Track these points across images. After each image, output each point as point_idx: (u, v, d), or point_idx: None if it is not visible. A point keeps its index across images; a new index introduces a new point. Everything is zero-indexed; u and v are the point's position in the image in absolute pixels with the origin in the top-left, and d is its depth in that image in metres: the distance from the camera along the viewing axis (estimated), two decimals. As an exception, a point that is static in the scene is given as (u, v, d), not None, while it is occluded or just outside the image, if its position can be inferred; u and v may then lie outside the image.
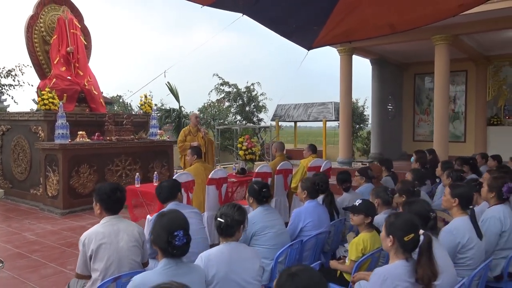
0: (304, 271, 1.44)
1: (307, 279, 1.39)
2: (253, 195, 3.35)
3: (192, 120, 7.17)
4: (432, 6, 6.39)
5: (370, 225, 3.04)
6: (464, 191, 2.93)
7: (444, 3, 6.32)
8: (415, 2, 6.11)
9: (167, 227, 1.93)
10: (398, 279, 2.02)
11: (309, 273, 1.43)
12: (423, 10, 6.48)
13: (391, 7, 6.25)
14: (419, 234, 2.06)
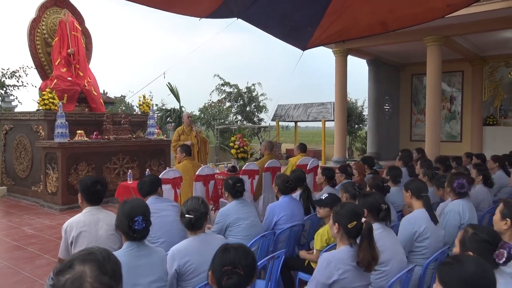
0: (237, 248, 1.66)
1: (236, 254, 1.62)
2: (228, 189, 3.57)
3: (184, 120, 7.41)
4: (422, 5, 6.58)
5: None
6: (416, 183, 3.13)
7: (433, 3, 6.52)
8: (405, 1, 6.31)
9: (128, 213, 2.15)
10: (341, 262, 2.23)
11: (241, 250, 1.65)
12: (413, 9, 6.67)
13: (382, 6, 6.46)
14: (362, 222, 2.26)
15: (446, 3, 6.44)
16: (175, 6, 5.74)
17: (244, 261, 1.61)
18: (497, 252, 1.75)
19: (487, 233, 1.85)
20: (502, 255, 1.73)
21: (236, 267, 1.58)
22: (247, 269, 1.61)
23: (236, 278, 1.57)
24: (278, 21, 6.93)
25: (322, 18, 6.69)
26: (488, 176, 4.75)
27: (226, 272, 1.58)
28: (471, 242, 1.85)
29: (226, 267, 1.59)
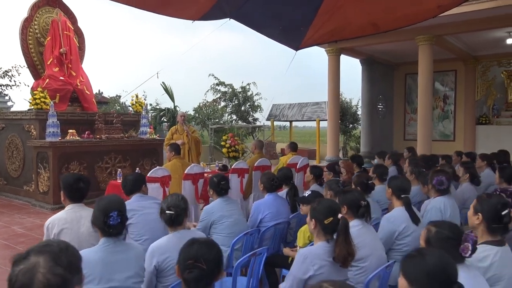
0: (202, 242, 1.68)
1: (199, 249, 1.64)
2: (213, 187, 3.59)
3: (178, 119, 7.42)
4: (413, 6, 6.63)
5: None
6: (398, 182, 3.15)
7: (424, 4, 6.56)
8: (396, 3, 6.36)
9: (103, 209, 2.17)
10: (317, 258, 2.25)
11: (206, 244, 1.67)
12: (404, 10, 6.72)
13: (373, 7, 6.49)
14: (338, 218, 2.28)
15: (436, 4, 6.50)
16: (168, 9, 5.76)
17: (208, 255, 1.63)
18: (462, 246, 1.77)
19: (449, 229, 1.87)
20: (467, 248, 1.75)
21: (198, 261, 1.60)
22: (211, 263, 1.63)
23: (197, 272, 1.59)
24: (270, 21, 6.96)
25: (314, 18, 6.72)
26: (475, 174, 4.79)
27: (188, 266, 1.61)
28: (435, 240, 1.87)
29: (189, 261, 1.62)
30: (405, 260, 1.53)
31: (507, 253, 2.23)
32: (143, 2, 5.47)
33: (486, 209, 2.23)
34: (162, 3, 5.52)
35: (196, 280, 1.60)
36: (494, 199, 2.26)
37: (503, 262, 2.16)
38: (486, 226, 2.23)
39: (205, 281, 1.62)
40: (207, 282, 1.63)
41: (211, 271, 1.63)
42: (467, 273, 1.82)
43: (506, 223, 2.20)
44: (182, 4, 5.73)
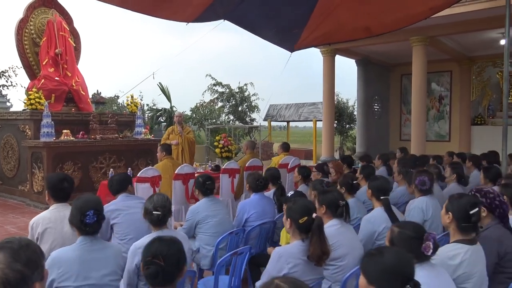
0: (163, 240, 1.74)
1: (159, 246, 1.70)
2: (198, 187, 3.64)
3: (174, 119, 7.50)
4: (405, 10, 6.70)
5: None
6: (377, 183, 3.20)
7: (415, 7, 6.63)
8: (388, 7, 6.42)
9: (80, 208, 2.21)
10: (292, 256, 2.29)
11: (166, 241, 1.72)
12: (396, 14, 6.79)
13: (365, 11, 6.55)
14: (313, 218, 2.33)
15: (428, 6, 6.57)
16: (162, 12, 5.81)
17: (166, 252, 1.68)
18: (424, 245, 1.81)
19: (412, 229, 1.92)
20: (429, 247, 1.80)
21: (156, 257, 1.65)
22: (169, 260, 1.67)
23: (154, 268, 1.64)
24: (264, 22, 7.01)
25: (308, 20, 6.78)
26: (462, 174, 4.82)
27: (147, 262, 1.65)
28: (398, 241, 1.91)
29: (148, 257, 1.66)
30: (364, 259, 1.57)
31: (478, 252, 2.27)
32: (138, 5, 5.52)
33: (456, 209, 2.28)
34: (157, 6, 5.56)
35: (153, 276, 1.64)
36: (463, 199, 2.30)
37: (474, 260, 2.21)
38: (457, 225, 2.27)
39: (163, 277, 1.66)
40: (165, 278, 1.67)
41: (169, 267, 1.67)
42: (430, 271, 1.87)
43: (475, 222, 2.25)
44: (177, 6, 5.78)
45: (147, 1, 5.50)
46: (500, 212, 2.55)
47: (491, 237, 2.54)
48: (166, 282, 1.68)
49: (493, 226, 2.58)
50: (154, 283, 1.67)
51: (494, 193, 2.60)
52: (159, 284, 1.68)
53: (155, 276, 1.65)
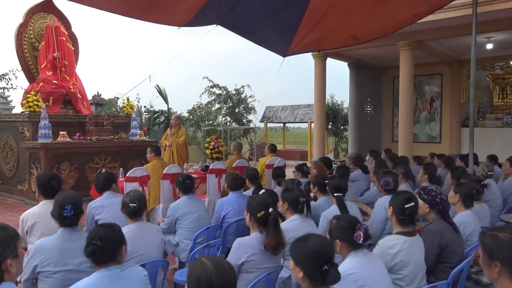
0: (107, 225, 2.11)
1: (100, 229, 2.06)
2: (178, 185, 3.92)
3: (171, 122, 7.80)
4: (390, 17, 6.95)
5: (273, 211, 3.58)
6: (334, 181, 3.48)
7: (400, 15, 6.88)
8: (374, 15, 6.67)
9: (59, 203, 2.50)
10: (250, 246, 2.57)
11: (106, 226, 2.10)
12: (382, 21, 7.04)
13: (352, 20, 6.80)
14: (270, 212, 2.60)
15: (412, 13, 6.81)
16: (154, 16, 6.03)
17: (103, 234, 2.00)
18: (356, 234, 2.09)
19: (347, 221, 2.19)
20: (360, 236, 2.07)
21: (94, 239, 1.95)
22: (106, 240, 1.98)
23: (91, 248, 1.95)
24: (257, 27, 7.25)
25: (299, 26, 7.02)
26: (433, 175, 5.08)
27: (87, 244, 1.97)
28: (336, 231, 2.19)
29: (88, 240, 1.99)
30: (292, 244, 1.85)
31: (416, 243, 2.54)
32: (128, 10, 5.75)
33: (394, 203, 2.56)
34: (147, 11, 5.77)
35: (90, 254, 1.96)
36: (401, 195, 2.58)
37: (410, 250, 2.48)
38: (396, 218, 2.55)
39: (102, 255, 1.97)
40: (104, 255, 1.98)
41: (107, 247, 1.98)
42: (363, 257, 2.15)
43: (410, 215, 2.52)
44: (167, 11, 6.00)
45: (137, 6, 5.69)
46: (439, 209, 2.82)
47: (433, 230, 2.81)
48: (106, 259, 1.99)
49: (436, 221, 2.86)
50: (93, 259, 1.98)
51: (436, 191, 2.87)
52: (100, 261, 1.99)
53: (93, 254, 1.95)
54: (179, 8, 5.90)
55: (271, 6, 6.52)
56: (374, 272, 2.13)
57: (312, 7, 6.29)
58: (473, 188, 3.40)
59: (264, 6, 6.51)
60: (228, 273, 1.47)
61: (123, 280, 1.96)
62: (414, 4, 6.32)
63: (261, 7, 6.54)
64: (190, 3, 5.71)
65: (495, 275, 1.70)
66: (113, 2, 5.33)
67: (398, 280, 2.46)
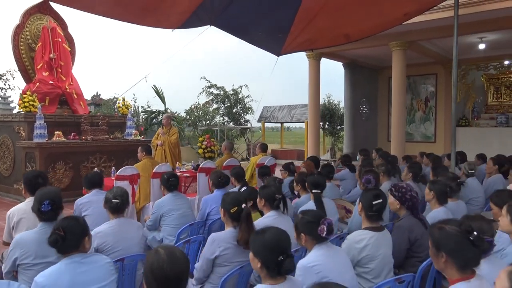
0: (71, 217, 2.22)
1: (64, 221, 2.17)
2: (163, 183, 4.03)
3: (163, 121, 7.91)
4: (381, 17, 7.05)
5: (253, 208, 3.68)
6: (312, 178, 3.58)
7: (391, 14, 6.98)
8: (365, 14, 6.77)
9: (39, 198, 2.61)
10: (223, 241, 2.67)
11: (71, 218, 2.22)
12: (373, 21, 7.14)
13: (343, 19, 6.90)
14: (242, 208, 2.70)
15: (402, 12, 6.91)
16: (146, 20, 6.12)
17: (66, 225, 2.11)
18: (319, 228, 2.19)
19: (312, 215, 2.29)
20: (323, 230, 2.17)
21: (57, 229, 2.07)
22: (69, 231, 2.10)
23: (53, 237, 2.07)
24: (250, 27, 7.35)
25: (291, 26, 7.11)
26: (417, 173, 5.18)
27: (52, 233, 2.09)
28: (301, 225, 2.30)
29: (52, 230, 2.12)
30: (251, 237, 1.95)
31: (383, 238, 2.64)
32: (122, 15, 5.84)
33: (364, 200, 2.66)
34: (143, 14, 5.85)
35: (53, 242, 2.07)
36: (370, 192, 2.68)
37: (377, 245, 2.58)
38: (365, 214, 2.65)
39: (64, 243, 2.09)
40: (67, 244, 2.10)
41: (70, 237, 2.10)
42: (327, 250, 2.25)
43: (378, 211, 2.62)
44: (160, 15, 6.08)
45: (131, 10, 5.78)
46: (409, 205, 2.92)
47: (403, 226, 2.91)
48: (69, 248, 2.11)
49: (406, 217, 2.95)
50: (56, 247, 2.10)
51: (406, 188, 2.97)
52: (64, 251, 2.11)
53: (55, 243, 2.07)
54: (173, 10, 5.98)
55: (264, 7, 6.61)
56: (337, 264, 2.23)
57: (304, 7, 6.37)
58: (447, 186, 3.49)
59: (256, 7, 6.59)
60: (180, 262, 1.56)
61: (85, 266, 2.07)
62: (404, 4, 6.41)
63: (254, 8, 6.63)
64: (184, 6, 5.79)
65: (442, 265, 1.80)
66: (106, 6, 5.41)
67: (365, 273, 2.56)
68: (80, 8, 5.20)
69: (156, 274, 1.53)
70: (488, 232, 2.18)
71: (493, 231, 2.26)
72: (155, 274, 1.53)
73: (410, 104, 13.51)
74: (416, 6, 6.78)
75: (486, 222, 2.27)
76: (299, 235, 2.31)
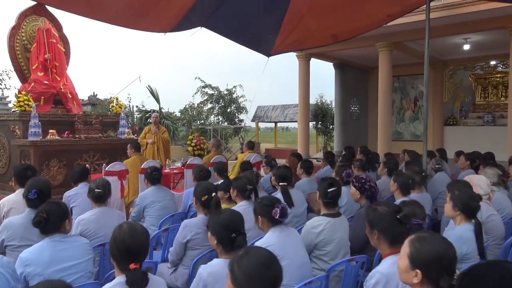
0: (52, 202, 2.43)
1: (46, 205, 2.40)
2: (147, 177, 4.28)
3: (151, 119, 8.14)
4: (366, 18, 7.33)
5: (229, 199, 3.93)
6: (279, 171, 3.84)
7: (375, 15, 7.26)
8: (351, 15, 7.05)
9: (28, 187, 2.88)
10: (194, 226, 2.92)
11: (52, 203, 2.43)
12: (359, 21, 7.42)
13: (331, 20, 7.17)
14: (212, 196, 2.95)
15: (386, 14, 7.19)
16: (138, 25, 6.34)
17: (49, 209, 2.36)
18: (273, 211, 2.44)
19: (268, 200, 2.55)
20: (276, 212, 2.42)
21: (41, 212, 2.32)
22: (51, 214, 2.35)
23: (37, 219, 2.32)
24: (240, 28, 7.58)
25: (280, 27, 7.36)
26: (392, 168, 5.42)
27: (35, 215, 2.34)
28: (258, 208, 2.55)
29: (36, 213, 2.35)
30: (208, 219, 2.20)
31: (339, 223, 2.89)
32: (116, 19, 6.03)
33: (320, 189, 2.91)
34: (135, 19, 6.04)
35: (36, 223, 2.32)
36: (325, 181, 2.93)
37: (333, 229, 2.83)
38: (321, 201, 2.90)
39: (46, 225, 2.34)
40: (49, 226, 2.35)
41: (52, 219, 2.35)
42: (280, 232, 2.50)
43: (332, 198, 2.87)
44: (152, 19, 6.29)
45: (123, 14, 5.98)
46: (368, 194, 3.17)
47: (363, 214, 3.14)
48: (51, 229, 2.36)
49: (366, 206, 3.20)
50: (39, 227, 2.35)
51: (365, 179, 3.22)
52: (46, 231, 2.36)
53: (39, 224, 2.32)
54: (164, 15, 6.18)
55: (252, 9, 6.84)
56: (289, 245, 2.48)
57: (292, 9, 6.61)
58: (409, 178, 3.74)
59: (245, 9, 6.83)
60: (140, 235, 1.81)
61: (65, 245, 2.32)
62: (388, 6, 6.68)
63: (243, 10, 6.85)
64: (175, 10, 6.00)
65: (376, 241, 2.05)
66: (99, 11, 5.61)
67: (323, 256, 2.81)
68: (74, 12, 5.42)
69: (119, 245, 1.78)
70: (419, 215, 2.46)
71: (425, 214, 2.52)
72: (118, 245, 1.78)
73: (399, 104, 13.78)
74: (399, 8, 7.05)
75: (418, 207, 2.54)
76: (257, 217, 2.56)
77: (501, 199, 3.93)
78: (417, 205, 2.68)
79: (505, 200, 3.96)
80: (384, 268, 1.93)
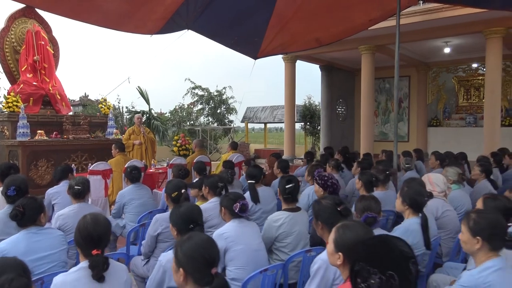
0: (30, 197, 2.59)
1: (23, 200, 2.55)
2: (126, 175, 4.47)
3: (135, 121, 8.30)
4: (349, 22, 7.57)
5: (203, 197, 4.14)
6: (250, 170, 4.06)
7: (357, 20, 7.50)
8: (334, 20, 7.27)
9: (7, 183, 3.07)
10: (165, 220, 3.12)
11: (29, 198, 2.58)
12: (342, 26, 7.66)
13: (315, 24, 7.40)
14: (182, 192, 3.17)
15: (368, 18, 7.44)
16: (124, 27, 6.50)
17: (25, 203, 2.55)
18: (234, 205, 2.66)
19: (234, 195, 2.77)
20: (237, 207, 2.64)
21: (18, 206, 2.51)
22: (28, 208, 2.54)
23: (14, 212, 2.51)
24: (226, 31, 7.77)
25: (266, 30, 7.57)
26: (366, 168, 5.66)
27: (12, 209, 2.53)
28: (223, 202, 2.78)
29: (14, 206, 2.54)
30: (170, 211, 2.41)
31: (299, 217, 3.12)
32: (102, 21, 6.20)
33: (279, 186, 3.14)
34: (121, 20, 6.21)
35: (13, 217, 2.51)
36: (284, 179, 3.16)
37: (292, 223, 3.05)
38: (282, 197, 3.13)
39: (23, 218, 2.52)
40: (26, 219, 2.53)
41: (28, 212, 2.53)
42: (237, 223, 2.74)
43: (291, 194, 3.10)
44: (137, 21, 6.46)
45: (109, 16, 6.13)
46: (330, 191, 3.40)
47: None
48: (27, 222, 2.55)
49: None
50: (16, 220, 2.53)
51: (327, 177, 3.45)
52: (23, 224, 2.54)
53: (15, 217, 2.50)
54: (149, 17, 6.34)
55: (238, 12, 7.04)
56: (245, 233, 2.73)
57: (277, 13, 6.82)
58: (372, 176, 3.97)
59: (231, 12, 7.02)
60: (101, 224, 2.03)
61: (40, 236, 2.52)
62: (370, 10, 6.92)
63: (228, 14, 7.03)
64: (159, 13, 6.17)
65: (320, 231, 2.28)
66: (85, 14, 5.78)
67: (283, 247, 3.03)
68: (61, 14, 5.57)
69: (83, 233, 1.99)
70: (374, 210, 2.68)
71: (380, 209, 2.74)
72: (82, 233, 1.99)
73: (385, 105, 14.07)
74: (380, 12, 7.29)
75: (374, 202, 2.76)
76: (221, 209, 2.78)
77: (460, 196, 4.16)
78: (374, 200, 2.90)
79: (464, 198, 4.20)
80: (325, 255, 2.15)
